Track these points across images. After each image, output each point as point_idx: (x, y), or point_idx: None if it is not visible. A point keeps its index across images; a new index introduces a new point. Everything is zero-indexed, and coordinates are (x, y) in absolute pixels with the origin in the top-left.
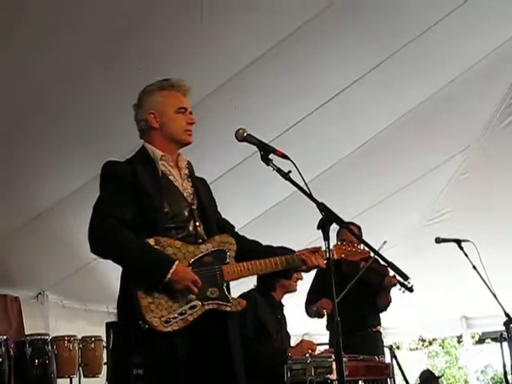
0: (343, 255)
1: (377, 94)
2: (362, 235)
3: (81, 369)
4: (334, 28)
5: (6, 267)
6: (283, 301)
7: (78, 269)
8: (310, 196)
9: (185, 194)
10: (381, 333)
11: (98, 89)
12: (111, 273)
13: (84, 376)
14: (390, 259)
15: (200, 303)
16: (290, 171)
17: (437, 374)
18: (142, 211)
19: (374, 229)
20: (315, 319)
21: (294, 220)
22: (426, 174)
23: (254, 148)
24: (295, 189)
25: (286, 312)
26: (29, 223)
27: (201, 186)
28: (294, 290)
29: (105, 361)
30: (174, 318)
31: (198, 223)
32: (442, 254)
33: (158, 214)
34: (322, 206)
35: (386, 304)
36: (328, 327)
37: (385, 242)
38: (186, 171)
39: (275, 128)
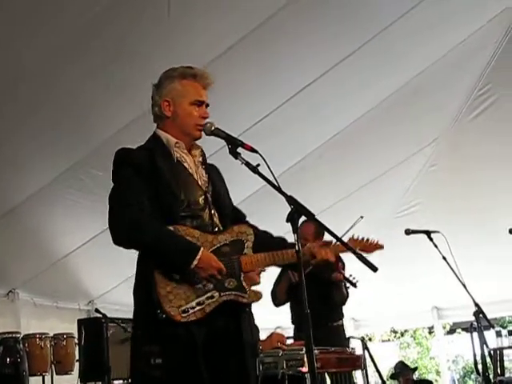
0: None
1: (344, 88)
2: (319, 231)
3: (53, 366)
4: (301, 22)
5: None
6: None
7: (49, 266)
8: (278, 189)
9: (200, 182)
10: (343, 327)
11: (70, 82)
12: (82, 270)
13: (56, 373)
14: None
15: (218, 294)
16: (258, 165)
17: (410, 365)
18: (159, 199)
19: (344, 221)
20: (287, 310)
21: (263, 214)
22: (395, 167)
23: (222, 142)
24: (264, 183)
25: (258, 305)
26: None
27: (214, 173)
28: (258, 283)
29: (77, 358)
30: (192, 307)
31: (213, 211)
32: (413, 245)
33: (175, 202)
34: (290, 199)
35: (341, 299)
36: (293, 321)
37: (361, 217)
38: (200, 158)
39: (243, 122)
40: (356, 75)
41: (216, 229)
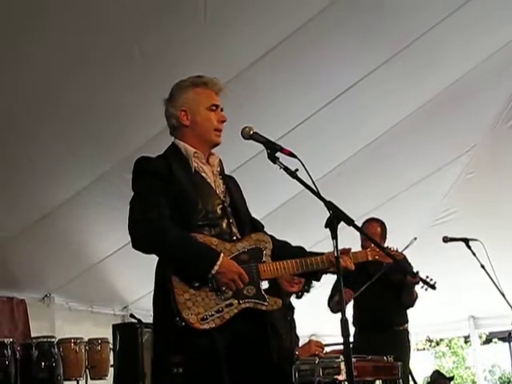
0: (377, 257)
1: (382, 93)
2: (385, 230)
3: (87, 371)
4: (340, 26)
5: (13, 269)
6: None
7: (84, 271)
8: (317, 194)
9: (217, 191)
10: (408, 331)
11: (109, 94)
12: (117, 275)
13: (91, 378)
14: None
15: (237, 301)
16: (297, 169)
17: (446, 375)
18: (177, 207)
19: None
20: (322, 318)
21: (301, 220)
22: (432, 174)
23: (261, 146)
24: (302, 188)
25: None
26: (35, 225)
27: (232, 184)
28: (293, 290)
29: (111, 363)
30: (211, 315)
31: (231, 220)
32: (450, 253)
33: (193, 210)
34: (329, 205)
35: (410, 301)
36: (354, 323)
37: (415, 239)
38: (218, 168)
39: (282, 126)
40: (394, 81)
41: (234, 237)
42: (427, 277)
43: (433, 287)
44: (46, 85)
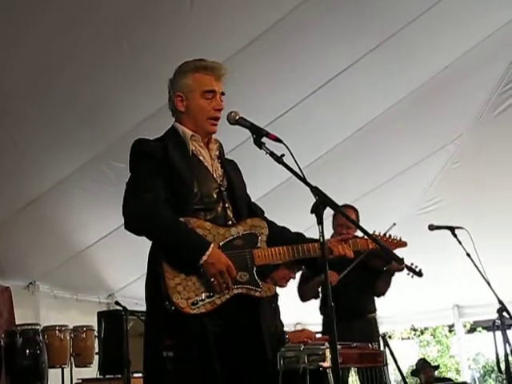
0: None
1: (367, 82)
2: (359, 218)
3: (72, 359)
4: (325, 14)
5: None
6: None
7: (70, 258)
8: (303, 180)
9: (215, 175)
10: (376, 319)
11: (95, 80)
12: (103, 262)
13: (76, 366)
14: None
15: (229, 287)
16: (283, 155)
17: (432, 363)
18: (173, 190)
19: (367, 217)
20: (307, 307)
21: (288, 206)
22: (418, 163)
23: (247, 134)
24: (289, 175)
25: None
26: (20, 212)
27: (231, 168)
28: (282, 286)
29: (96, 350)
30: (202, 300)
31: (227, 205)
32: (435, 242)
33: (189, 194)
34: (315, 190)
35: (385, 289)
36: (321, 311)
37: (394, 224)
38: (217, 152)
39: (269, 113)
40: (380, 69)
41: (229, 222)
42: (412, 264)
43: (419, 274)
44: (36, 72)
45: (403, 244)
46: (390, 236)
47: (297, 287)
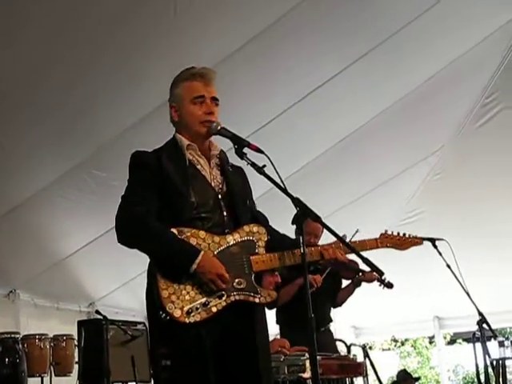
0: (388, 244)
1: (349, 94)
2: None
3: (52, 367)
4: (309, 25)
5: None
6: None
7: (50, 267)
8: (284, 190)
9: (213, 184)
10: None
11: (80, 87)
12: (83, 271)
13: (55, 375)
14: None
15: (226, 294)
16: (264, 165)
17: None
18: (169, 201)
19: (348, 227)
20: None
21: (270, 217)
22: (400, 174)
23: (229, 144)
24: (270, 186)
25: None
26: (0, 219)
27: (235, 175)
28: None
29: (76, 360)
30: (197, 308)
31: (225, 213)
32: (415, 254)
33: (185, 204)
34: (296, 201)
35: (346, 300)
36: (278, 321)
37: (357, 231)
38: (217, 160)
39: (252, 123)
40: (362, 81)
41: (227, 230)
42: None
43: (389, 286)
44: (24, 75)
45: (419, 241)
46: (404, 234)
47: None
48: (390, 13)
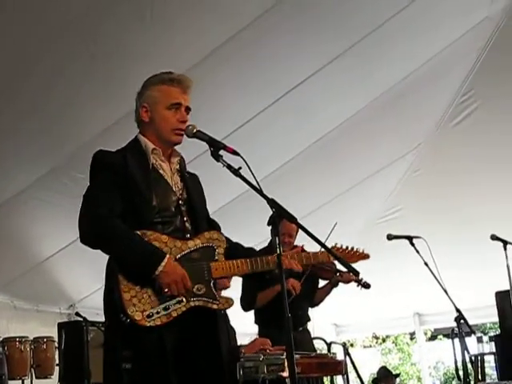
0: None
1: (327, 93)
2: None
3: (33, 370)
4: (286, 24)
5: None
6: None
7: (30, 269)
8: (260, 192)
9: (174, 189)
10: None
11: (58, 87)
12: (63, 273)
13: (36, 377)
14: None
15: (185, 299)
16: (240, 168)
17: (392, 371)
18: (131, 203)
19: (325, 227)
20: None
21: (246, 217)
22: (378, 172)
23: (205, 146)
24: (247, 187)
25: (240, 310)
26: None
27: (192, 182)
28: (227, 287)
29: (57, 362)
30: (158, 312)
31: (185, 218)
32: (394, 251)
33: (147, 207)
34: (272, 203)
35: (323, 300)
36: (257, 321)
37: (335, 224)
38: (177, 166)
39: (226, 126)
40: (339, 80)
41: (187, 235)
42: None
43: (366, 286)
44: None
45: (366, 256)
46: (352, 248)
47: (243, 296)
48: (365, 12)
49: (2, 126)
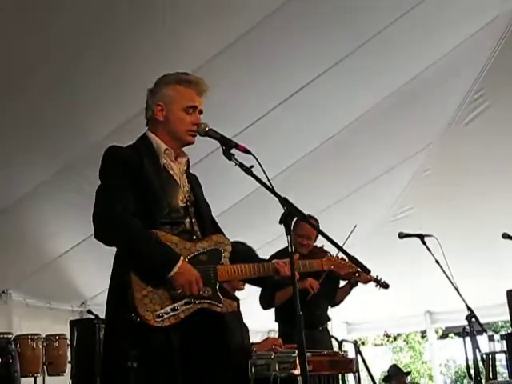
0: (332, 266)
1: (337, 92)
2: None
3: (45, 367)
4: (296, 23)
5: None
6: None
7: (42, 267)
8: (271, 190)
9: (183, 190)
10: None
11: (69, 85)
12: (75, 271)
13: (48, 375)
14: (354, 255)
15: (193, 301)
16: (252, 166)
17: (403, 369)
18: (142, 202)
19: (338, 225)
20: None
21: (258, 216)
22: (389, 171)
23: (216, 144)
24: (258, 185)
25: (252, 308)
26: None
27: (195, 183)
28: (241, 289)
29: (69, 359)
30: (167, 313)
31: (193, 220)
32: (406, 249)
33: (158, 208)
34: (284, 201)
35: (343, 300)
36: (278, 319)
37: (355, 226)
38: (185, 167)
39: (238, 123)
40: (350, 79)
41: (194, 237)
42: (377, 276)
43: (385, 286)
44: (8, 77)
45: (355, 268)
46: (344, 259)
47: (262, 295)
48: (375, 11)
49: (14, 124)
